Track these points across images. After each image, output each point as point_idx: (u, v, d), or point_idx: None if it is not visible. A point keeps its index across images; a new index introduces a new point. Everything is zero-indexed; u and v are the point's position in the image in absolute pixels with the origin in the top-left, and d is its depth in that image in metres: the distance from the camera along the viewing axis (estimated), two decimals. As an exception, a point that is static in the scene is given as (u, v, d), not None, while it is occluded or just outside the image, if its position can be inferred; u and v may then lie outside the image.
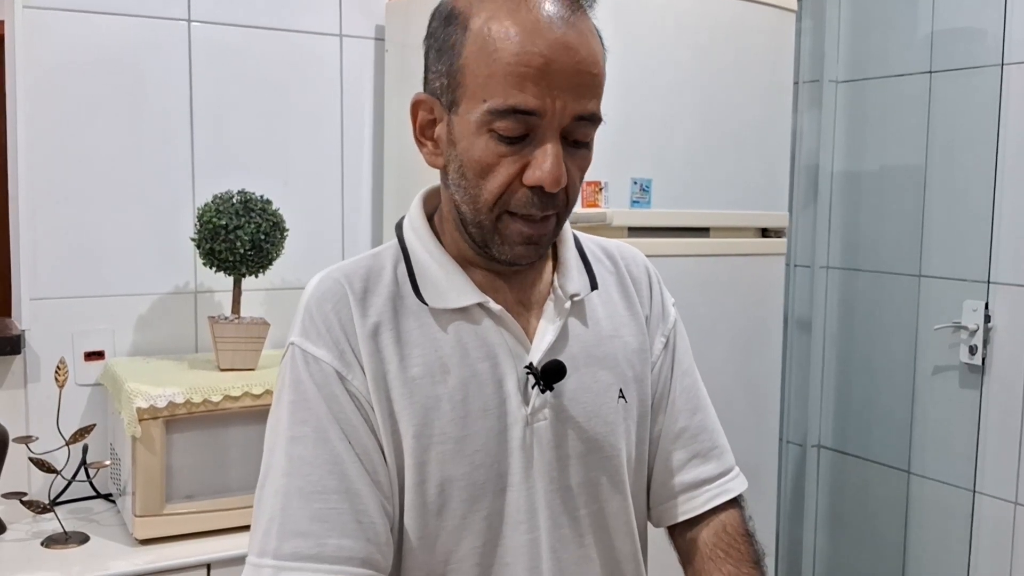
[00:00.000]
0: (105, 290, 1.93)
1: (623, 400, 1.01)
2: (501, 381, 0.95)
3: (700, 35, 1.92)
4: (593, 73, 0.89)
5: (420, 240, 0.98)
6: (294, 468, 0.89)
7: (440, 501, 0.92)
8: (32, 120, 1.85)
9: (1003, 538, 2.24)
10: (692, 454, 1.07)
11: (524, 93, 0.85)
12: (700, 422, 1.08)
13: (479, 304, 0.95)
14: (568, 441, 0.97)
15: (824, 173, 2.64)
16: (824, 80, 2.62)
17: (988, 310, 2.24)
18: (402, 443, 0.92)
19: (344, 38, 2.15)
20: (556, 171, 0.87)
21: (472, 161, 0.89)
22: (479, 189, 0.90)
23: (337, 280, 0.95)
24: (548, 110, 0.86)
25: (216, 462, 1.71)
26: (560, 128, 0.87)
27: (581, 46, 0.87)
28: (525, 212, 0.89)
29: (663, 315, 1.09)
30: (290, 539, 0.87)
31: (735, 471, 1.10)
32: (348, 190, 2.18)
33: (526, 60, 0.85)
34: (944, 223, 2.36)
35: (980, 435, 2.28)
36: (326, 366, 0.91)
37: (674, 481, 1.07)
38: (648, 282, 1.09)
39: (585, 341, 1.00)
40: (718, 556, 1.03)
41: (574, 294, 0.99)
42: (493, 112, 0.86)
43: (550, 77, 0.85)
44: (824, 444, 2.71)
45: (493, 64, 0.86)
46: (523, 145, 0.88)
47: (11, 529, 1.72)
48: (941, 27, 2.36)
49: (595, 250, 1.08)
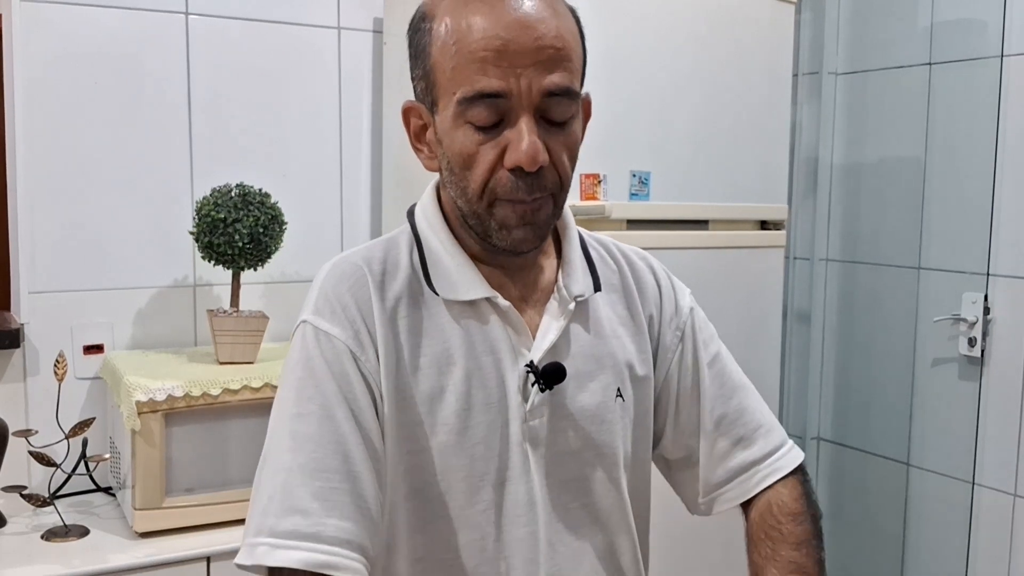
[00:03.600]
0: (104, 284, 1.93)
1: (620, 399, 1.01)
2: (503, 377, 0.95)
3: (699, 27, 1.91)
4: (557, 48, 0.88)
5: (432, 230, 0.98)
6: (298, 445, 0.88)
7: (439, 491, 0.93)
8: (30, 113, 1.84)
9: (1002, 530, 2.24)
10: (736, 439, 1.06)
11: (487, 76, 0.86)
12: (738, 405, 1.07)
13: (487, 298, 0.96)
14: (564, 438, 0.98)
15: (823, 165, 2.64)
16: (823, 72, 2.61)
17: (987, 302, 2.24)
18: (412, 432, 0.92)
19: (342, 31, 2.14)
20: (531, 149, 0.87)
21: (454, 154, 0.90)
22: (466, 181, 0.90)
23: (356, 263, 0.95)
24: (514, 90, 0.86)
25: (215, 455, 1.71)
26: (532, 106, 0.87)
27: (540, 22, 0.87)
28: (512, 197, 0.89)
29: (675, 311, 1.08)
30: (289, 516, 0.85)
31: (785, 447, 1.07)
32: (347, 183, 2.17)
33: (484, 44, 0.86)
34: (943, 215, 2.36)
35: (979, 427, 2.28)
36: (339, 343, 0.91)
37: (721, 468, 1.06)
38: (654, 283, 1.09)
39: (585, 341, 1.00)
40: (760, 539, 1.02)
41: (578, 295, 1.00)
42: (463, 102, 0.87)
43: (511, 57, 0.86)
44: (823, 436, 2.72)
45: (456, 56, 0.87)
46: (499, 131, 0.88)
47: (11, 522, 1.72)
48: (941, 19, 2.35)
49: (599, 250, 1.08)
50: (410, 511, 0.94)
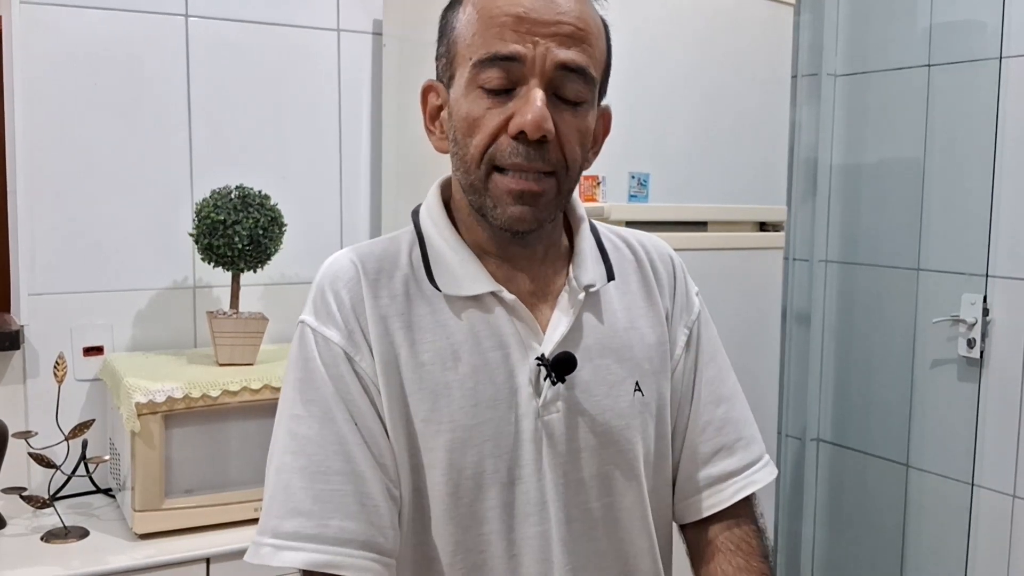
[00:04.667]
0: (104, 285, 1.93)
1: (640, 393, 0.99)
2: (512, 372, 0.94)
3: (698, 28, 1.92)
4: (578, 26, 0.89)
5: (436, 227, 0.98)
6: (299, 447, 0.89)
7: (448, 488, 0.92)
8: (30, 115, 1.85)
9: (1001, 531, 2.25)
10: (717, 447, 1.05)
11: (504, 40, 0.87)
12: (724, 414, 1.06)
13: (492, 293, 0.94)
14: (581, 434, 0.96)
15: (822, 167, 2.64)
16: (823, 73, 2.61)
17: (986, 303, 2.24)
18: (414, 427, 0.92)
19: (342, 32, 2.15)
20: (537, 115, 0.86)
21: (460, 120, 0.90)
22: (467, 148, 0.90)
23: (351, 261, 0.95)
24: (528, 56, 0.87)
25: (215, 456, 1.71)
26: (544, 77, 0.88)
27: (564, 1, 0.89)
28: (511, 162, 0.88)
29: (687, 306, 1.07)
30: (291, 518, 0.87)
31: (762, 461, 1.07)
32: (346, 185, 2.18)
33: (504, 11, 0.87)
34: (943, 216, 2.36)
35: (978, 428, 2.28)
36: (335, 346, 0.91)
37: (700, 475, 1.05)
38: (672, 273, 1.08)
39: (600, 333, 0.99)
40: (729, 549, 1.02)
41: (589, 285, 0.98)
42: (477, 64, 0.88)
43: (529, 23, 0.87)
44: (823, 438, 2.72)
45: (477, 23, 0.89)
46: (509, 98, 0.88)
47: (11, 524, 1.72)
48: (940, 20, 2.35)
49: (614, 239, 1.07)
50: (415, 509, 0.93)
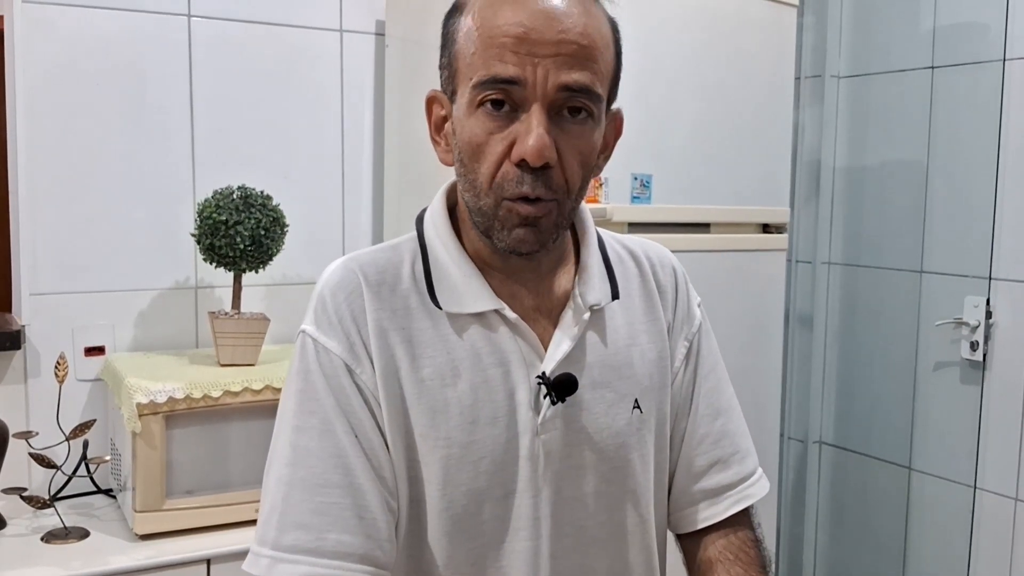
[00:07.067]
0: (105, 285, 1.93)
1: (638, 411, 0.99)
2: (512, 390, 0.93)
3: (701, 30, 1.91)
4: (581, 44, 0.86)
5: (440, 237, 0.96)
6: (298, 459, 0.89)
7: (443, 503, 0.92)
8: (32, 115, 1.85)
9: (1003, 534, 2.24)
10: (713, 460, 1.05)
11: (504, 62, 0.85)
12: (721, 427, 1.06)
13: (495, 311, 0.94)
14: (578, 452, 0.96)
15: (825, 169, 2.64)
16: (826, 75, 2.61)
17: (989, 306, 2.24)
18: (413, 439, 0.91)
19: (344, 33, 2.14)
20: (537, 143, 0.84)
21: (464, 143, 0.89)
22: (475, 173, 0.89)
23: (352, 270, 0.94)
24: (529, 79, 0.84)
25: (216, 457, 1.71)
26: (546, 101, 0.85)
27: (566, 16, 0.85)
28: (516, 192, 0.87)
29: (688, 318, 1.06)
30: (290, 531, 0.87)
31: (756, 475, 1.07)
32: (349, 185, 2.17)
33: (505, 31, 0.85)
34: (946, 219, 2.35)
35: (981, 431, 2.28)
36: (335, 357, 0.90)
37: (695, 488, 1.05)
38: (674, 285, 1.07)
39: (601, 352, 0.98)
40: (727, 559, 1.02)
41: (594, 304, 0.97)
42: (477, 86, 0.86)
43: (530, 45, 0.84)
44: (825, 440, 2.71)
45: (477, 41, 0.86)
46: (511, 121, 0.86)
47: (11, 524, 1.72)
48: (943, 22, 2.35)
49: (620, 251, 1.05)
50: (412, 520, 0.93)
